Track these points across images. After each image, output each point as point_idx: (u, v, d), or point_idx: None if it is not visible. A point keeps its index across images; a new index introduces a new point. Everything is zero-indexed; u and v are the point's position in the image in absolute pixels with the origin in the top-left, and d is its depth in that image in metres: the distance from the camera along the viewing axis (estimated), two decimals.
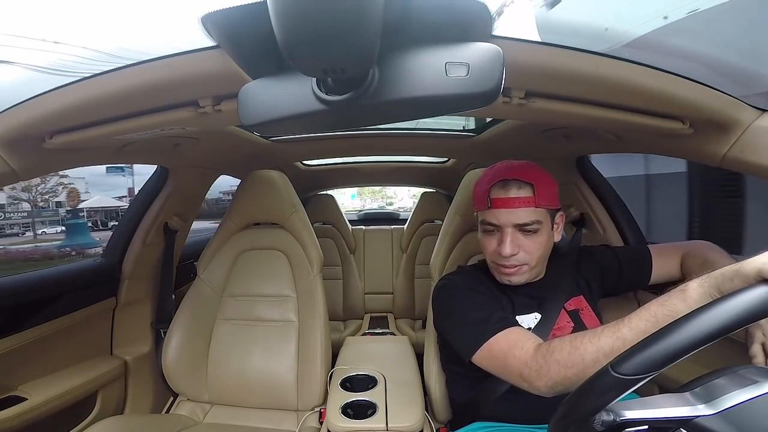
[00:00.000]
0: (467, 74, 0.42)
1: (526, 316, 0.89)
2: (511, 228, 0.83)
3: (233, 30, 0.49)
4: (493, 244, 0.86)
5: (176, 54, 0.56)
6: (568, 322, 0.88)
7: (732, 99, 0.67)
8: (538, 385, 0.67)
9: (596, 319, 0.91)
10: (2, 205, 13.19)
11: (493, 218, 0.84)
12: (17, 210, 13.31)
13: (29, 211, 13.20)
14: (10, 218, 13.26)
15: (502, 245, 0.83)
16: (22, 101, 0.67)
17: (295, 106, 0.46)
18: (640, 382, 0.39)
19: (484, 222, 0.87)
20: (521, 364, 0.70)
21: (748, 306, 0.39)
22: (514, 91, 0.66)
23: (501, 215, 0.83)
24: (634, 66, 0.61)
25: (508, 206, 0.82)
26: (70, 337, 1.19)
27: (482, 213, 0.88)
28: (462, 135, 1.70)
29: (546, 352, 0.67)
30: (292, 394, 1.23)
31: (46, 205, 13.96)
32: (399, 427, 0.97)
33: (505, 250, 0.83)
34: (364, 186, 4.05)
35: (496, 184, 0.84)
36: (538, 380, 0.67)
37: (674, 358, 0.39)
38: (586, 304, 0.93)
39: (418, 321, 2.39)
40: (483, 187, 0.87)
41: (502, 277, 0.88)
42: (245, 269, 1.37)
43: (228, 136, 1.27)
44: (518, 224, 0.83)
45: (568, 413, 0.43)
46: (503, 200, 0.83)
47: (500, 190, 0.84)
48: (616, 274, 0.98)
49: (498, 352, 0.75)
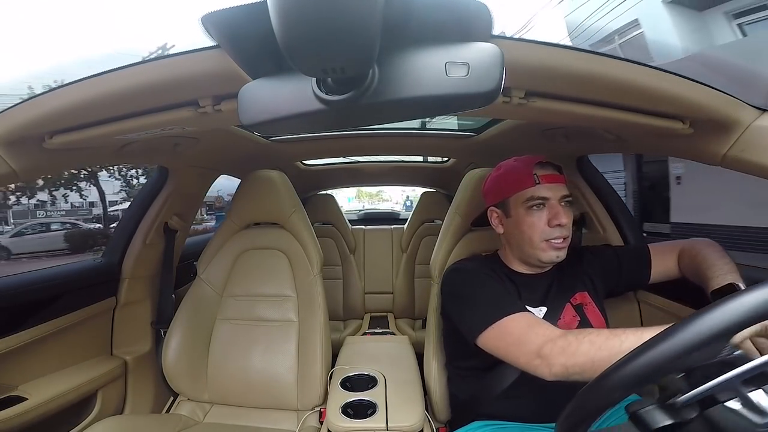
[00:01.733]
0: (467, 74, 0.42)
1: (533, 309, 0.90)
2: (558, 201, 0.89)
3: (233, 30, 0.49)
4: (543, 219, 0.89)
5: (176, 54, 0.56)
6: (574, 316, 0.91)
7: (732, 99, 0.67)
8: (555, 362, 0.67)
9: (600, 316, 0.93)
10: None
11: (544, 192, 0.89)
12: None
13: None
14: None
15: (557, 215, 0.88)
16: (22, 101, 0.67)
17: (295, 106, 0.46)
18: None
19: (533, 198, 0.90)
20: (544, 341, 0.70)
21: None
22: (514, 90, 0.66)
23: (549, 190, 0.89)
24: (634, 66, 0.61)
25: (555, 181, 0.90)
26: (71, 336, 1.19)
27: (530, 190, 0.90)
28: (462, 135, 1.70)
29: (579, 333, 0.67)
30: (292, 393, 1.23)
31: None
32: (399, 426, 0.97)
33: (562, 219, 0.87)
34: (364, 186, 4.06)
35: (537, 165, 0.91)
36: (559, 356, 0.66)
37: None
38: (590, 299, 0.94)
39: (418, 321, 2.39)
40: (525, 169, 0.91)
41: (550, 253, 0.90)
42: (245, 269, 1.37)
43: (228, 136, 1.27)
44: (564, 195, 0.90)
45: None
46: (549, 176, 0.90)
47: (542, 169, 0.90)
48: (616, 272, 1.00)
49: (514, 329, 0.77)
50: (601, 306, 0.95)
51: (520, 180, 0.92)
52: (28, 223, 11.93)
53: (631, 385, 0.40)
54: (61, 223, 12.45)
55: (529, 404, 0.87)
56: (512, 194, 0.92)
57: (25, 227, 11.25)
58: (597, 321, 0.91)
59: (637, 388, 0.40)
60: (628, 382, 0.40)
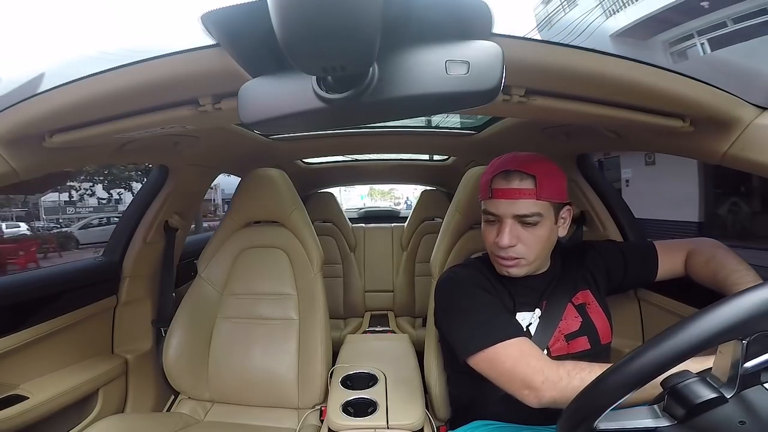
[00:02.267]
0: (467, 72, 0.42)
1: (526, 313, 0.88)
2: (511, 219, 0.83)
3: (233, 28, 0.49)
4: (493, 234, 0.86)
5: (176, 52, 0.56)
6: (576, 316, 0.87)
7: (732, 97, 0.67)
8: (545, 396, 0.68)
9: (603, 315, 0.90)
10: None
11: (494, 208, 0.85)
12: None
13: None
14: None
15: (500, 236, 0.83)
16: (22, 100, 0.67)
17: (295, 104, 0.46)
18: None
19: (485, 212, 0.88)
20: (535, 372, 0.70)
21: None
22: (514, 89, 0.66)
23: (501, 205, 0.84)
24: (635, 64, 0.61)
25: (509, 197, 0.83)
26: (71, 335, 1.19)
27: (484, 203, 0.88)
28: (462, 133, 1.70)
29: (572, 368, 0.68)
30: (292, 392, 1.23)
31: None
32: (399, 424, 0.97)
33: (503, 240, 0.82)
34: (364, 184, 4.05)
35: (498, 175, 0.85)
36: (550, 391, 0.68)
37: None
38: (592, 298, 0.91)
39: (418, 319, 2.39)
40: (486, 177, 0.87)
41: (501, 268, 0.88)
42: (246, 267, 1.37)
43: (228, 134, 1.26)
44: (518, 215, 0.82)
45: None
46: (504, 191, 0.83)
47: (502, 181, 0.84)
48: (621, 269, 0.97)
49: (505, 358, 0.75)
50: (604, 304, 0.92)
51: (481, 187, 0.90)
52: (92, 217, 12.66)
53: (632, 384, 0.40)
54: (118, 217, 12.76)
55: (531, 408, 0.86)
56: (480, 200, 0.91)
57: (90, 220, 12.10)
58: (600, 321, 0.89)
59: (638, 387, 0.40)
60: (629, 381, 0.40)
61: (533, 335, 0.85)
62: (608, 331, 0.89)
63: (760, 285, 0.39)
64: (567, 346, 0.85)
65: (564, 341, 0.85)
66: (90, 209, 13.82)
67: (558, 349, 0.85)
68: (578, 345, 0.85)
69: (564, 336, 0.86)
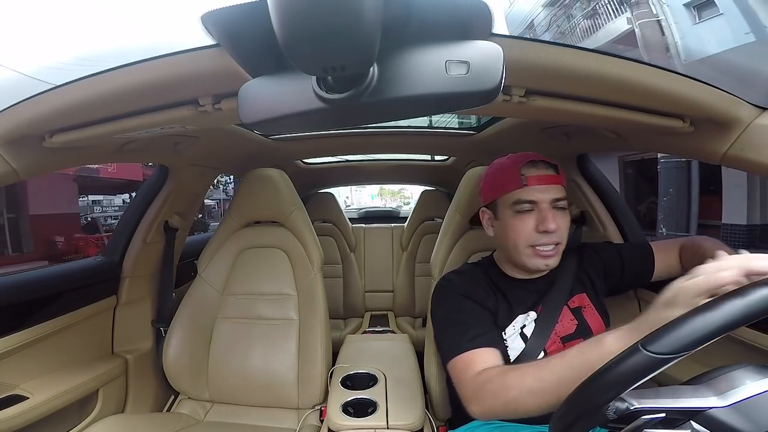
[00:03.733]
0: (467, 72, 0.42)
1: (521, 316, 0.88)
2: (548, 204, 0.83)
3: (233, 28, 0.49)
4: (530, 224, 0.83)
5: (176, 53, 0.56)
6: (572, 320, 0.88)
7: (732, 97, 0.67)
8: (473, 410, 0.72)
9: (599, 318, 0.90)
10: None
11: (531, 195, 0.83)
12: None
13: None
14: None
15: (544, 221, 0.81)
16: (22, 100, 0.67)
17: (295, 105, 0.46)
18: (671, 362, 0.39)
19: (519, 201, 0.84)
20: (464, 386, 0.75)
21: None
22: (514, 89, 0.66)
23: (538, 192, 0.83)
24: (635, 64, 0.61)
25: (544, 183, 0.83)
26: (71, 335, 1.19)
27: (516, 193, 0.85)
28: (462, 133, 1.70)
29: (484, 381, 0.71)
30: (292, 392, 1.23)
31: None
32: (399, 424, 0.97)
33: (549, 224, 0.81)
34: (364, 184, 4.06)
35: (526, 164, 0.84)
36: (474, 405, 0.72)
37: (710, 337, 0.39)
38: (588, 301, 0.91)
39: (418, 319, 2.39)
40: (513, 169, 0.86)
41: (536, 261, 0.85)
42: (246, 267, 1.37)
43: (228, 134, 1.26)
44: (555, 199, 0.83)
45: (595, 388, 0.43)
46: (538, 177, 0.83)
47: (532, 169, 0.84)
48: (618, 270, 0.97)
49: (460, 368, 0.78)
50: (600, 307, 0.93)
51: (507, 180, 0.86)
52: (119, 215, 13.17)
53: (623, 384, 0.40)
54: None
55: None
56: (500, 195, 0.88)
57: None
58: (596, 324, 0.89)
59: (629, 387, 0.40)
60: (620, 380, 0.40)
61: (529, 338, 0.86)
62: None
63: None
64: (563, 347, 0.85)
65: (560, 343, 0.86)
66: (116, 208, 14.41)
67: (554, 351, 0.84)
68: None
69: (560, 338, 0.86)
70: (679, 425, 0.40)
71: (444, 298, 0.91)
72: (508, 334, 0.87)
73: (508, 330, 0.87)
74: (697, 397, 0.40)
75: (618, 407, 0.40)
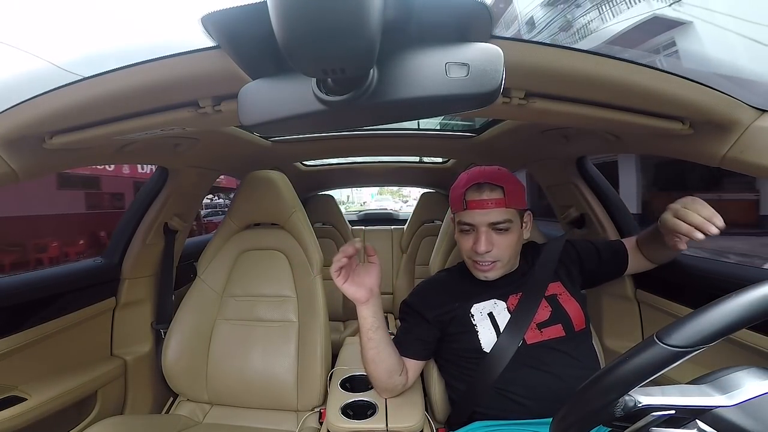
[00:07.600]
0: (467, 75, 0.42)
1: (485, 303, 0.98)
2: (485, 227, 0.92)
3: (233, 30, 0.49)
4: (470, 243, 0.95)
5: (176, 54, 0.56)
6: (546, 306, 0.95)
7: (732, 99, 0.67)
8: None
9: (575, 303, 0.97)
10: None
11: (469, 218, 0.94)
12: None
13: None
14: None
15: (477, 243, 0.92)
16: (22, 101, 0.67)
17: (295, 107, 0.46)
18: (688, 355, 0.39)
19: (461, 222, 0.97)
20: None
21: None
22: (514, 91, 0.66)
23: (476, 216, 0.93)
24: (634, 66, 0.61)
25: (482, 207, 0.92)
26: (70, 337, 1.19)
27: (459, 214, 0.97)
28: (462, 135, 1.70)
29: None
30: (291, 394, 1.23)
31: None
32: (399, 427, 0.97)
33: (480, 247, 0.92)
34: (363, 186, 4.06)
35: (470, 188, 0.94)
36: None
37: (730, 330, 0.39)
38: (563, 289, 0.99)
39: None
40: (459, 191, 0.96)
41: (478, 273, 0.97)
42: (245, 269, 1.37)
43: (228, 136, 1.26)
44: (492, 223, 0.92)
45: (606, 383, 0.42)
46: (477, 202, 0.92)
47: (474, 193, 0.93)
48: (595, 257, 1.06)
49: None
50: (576, 293, 1.00)
51: (454, 201, 0.99)
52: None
53: (638, 377, 0.40)
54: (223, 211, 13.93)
55: (518, 399, 0.88)
56: (453, 212, 1.02)
57: (207, 211, 12.83)
58: (573, 309, 0.95)
59: (643, 381, 0.40)
60: (635, 374, 0.40)
61: (505, 327, 0.93)
62: (582, 318, 0.96)
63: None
64: (540, 333, 0.92)
65: (537, 330, 0.93)
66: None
67: (532, 337, 0.92)
68: (552, 332, 0.93)
69: (536, 325, 0.93)
70: (685, 424, 0.40)
71: (409, 302, 1.13)
72: (477, 320, 0.96)
73: (475, 315, 0.97)
74: (703, 395, 0.40)
75: (626, 404, 0.40)
